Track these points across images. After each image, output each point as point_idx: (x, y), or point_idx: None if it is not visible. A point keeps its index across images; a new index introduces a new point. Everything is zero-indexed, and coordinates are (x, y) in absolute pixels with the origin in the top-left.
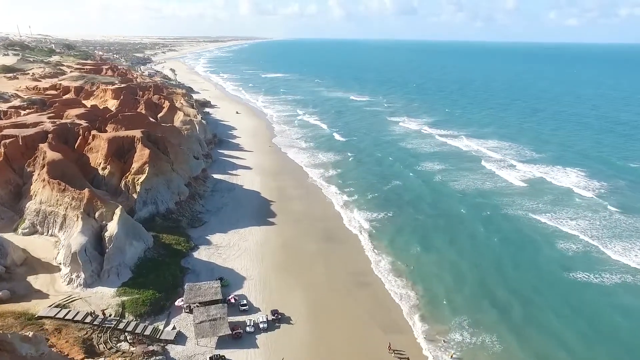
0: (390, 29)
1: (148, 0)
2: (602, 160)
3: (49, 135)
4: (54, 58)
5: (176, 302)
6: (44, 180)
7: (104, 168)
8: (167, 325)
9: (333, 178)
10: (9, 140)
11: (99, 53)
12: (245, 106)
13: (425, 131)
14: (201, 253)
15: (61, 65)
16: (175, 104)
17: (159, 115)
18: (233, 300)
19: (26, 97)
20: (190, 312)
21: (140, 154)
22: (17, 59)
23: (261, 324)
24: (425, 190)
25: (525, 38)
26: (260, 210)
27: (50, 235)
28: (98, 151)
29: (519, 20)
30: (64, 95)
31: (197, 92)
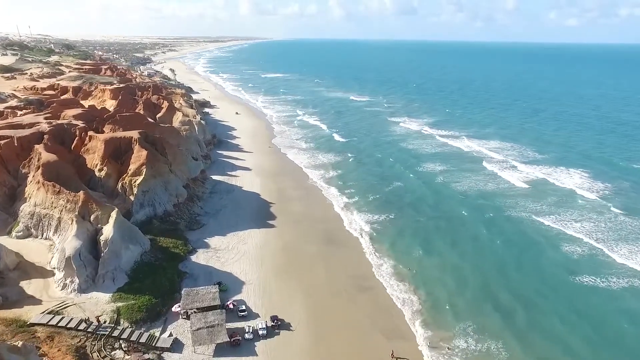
0: (390, 29)
1: (148, 0)
2: (605, 161)
3: (45, 136)
4: (52, 58)
5: (173, 308)
6: (39, 182)
7: (101, 169)
8: (164, 332)
9: (333, 179)
10: (4, 141)
11: (98, 53)
12: (245, 106)
13: (425, 132)
14: (199, 256)
15: (60, 65)
16: (174, 104)
17: (158, 115)
18: (232, 305)
19: (23, 97)
20: (188, 318)
21: (138, 155)
22: (16, 59)
23: (260, 331)
24: (427, 191)
25: (525, 38)
26: (259, 212)
27: (45, 238)
28: (95, 152)
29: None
30: (61, 96)
31: (197, 92)
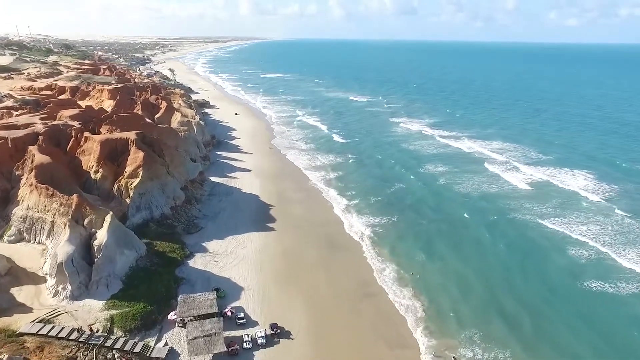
0: (390, 29)
1: (148, 0)
2: (608, 162)
3: (40, 137)
4: (51, 58)
5: (169, 316)
6: (32, 184)
7: (96, 171)
8: (159, 341)
9: (333, 181)
10: None
11: (98, 53)
12: (244, 107)
13: (426, 132)
14: (197, 261)
15: (58, 65)
16: (173, 104)
17: (156, 116)
18: (230, 313)
19: (19, 98)
20: (184, 327)
21: (134, 157)
22: (14, 59)
23: (259, 339)
24: (428, 193)
25: (525, 38)
26: (259, 215)
27: (38, 243)
28: (90, 154)
29: (519, 21)
30: (59, 96)
31: (196, 93)
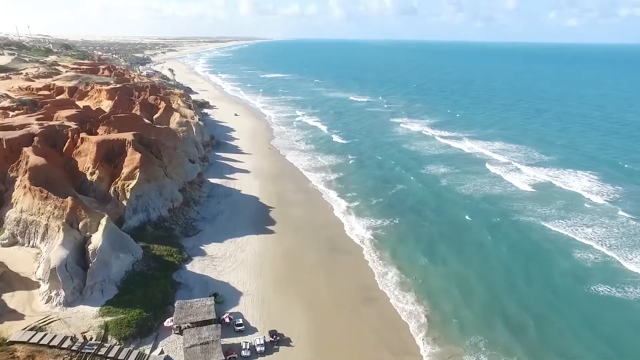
0: (390, 29)
1: (148, 0)
2: (611, 163)
3: (35, 138)
4: (50, 58)
5: (165, 322)
6: (25, 187)
7: (93, 173)
8: (154, 349)
9: (334, 182)
10: None
11: (97, 53)
12: (244, 107)
13: (427, 133)
14: (195, 265)
15: (57, 65)
16: (172, 104)
17: (155, 116)
18: (228, 319)
19: (16, 98)
20: (181, 334)
21: (131, 158)
22: (12, 59)
23: (258, 347)
24: (429, 195)
25: (525, 38)
26: (258, 217)
27: (32, 246)
28: (87, 155)
29: (519, 21)
30: (57, 96)
31: (196, 93)
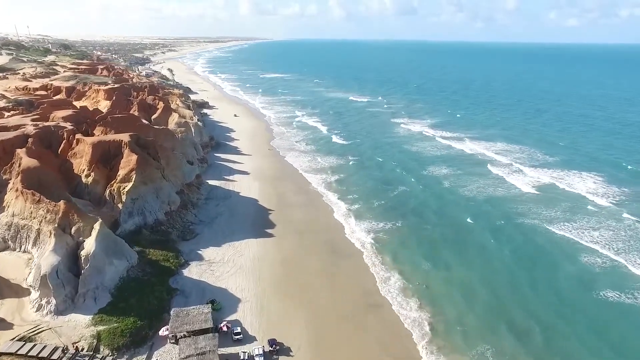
0: (390, 29)
1: (148, 0)
2: (613, 164)
3: (29, 139)
4: (49, 58)
5: (160, 332)
6: (17, 190)
7: (88, 175)
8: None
9: (334, 184)
10: None
11: (97, 53)
12: (243, 107)
13: (427, 133)
14: (192, 270)
15: (55, 65)
16: (171, 105)
17: (153, 117)
18: (225, 328)
19: (12, 98)
20: (176, 343)
21: (127, 160)
22: (10, 58)
23: (257, 357)
24: (431, 197)
25: (525, 38)
26: (257, 220)
27: (23, 251)
28: (82, 157)
29: (519, 21)
30: (54, 96)
31: (195, 93)
